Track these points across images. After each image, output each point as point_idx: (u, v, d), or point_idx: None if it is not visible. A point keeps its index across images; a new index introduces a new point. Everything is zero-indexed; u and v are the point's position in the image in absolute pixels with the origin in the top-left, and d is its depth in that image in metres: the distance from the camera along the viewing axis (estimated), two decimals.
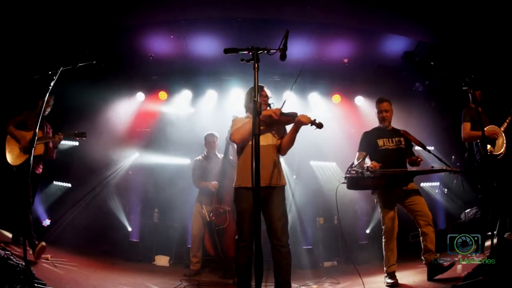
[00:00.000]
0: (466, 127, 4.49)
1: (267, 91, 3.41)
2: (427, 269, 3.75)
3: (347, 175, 3.68)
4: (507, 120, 4.49)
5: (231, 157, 5.00)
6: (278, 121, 3.24)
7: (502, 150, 4.36)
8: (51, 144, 4.68)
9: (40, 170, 4.66)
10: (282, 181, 3.24)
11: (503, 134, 4.42)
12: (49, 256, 4.32)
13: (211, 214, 4.84)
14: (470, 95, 4.52)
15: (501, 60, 5.20)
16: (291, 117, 3.22)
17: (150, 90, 6.91)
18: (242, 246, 3.11)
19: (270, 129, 3.31)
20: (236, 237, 3.19)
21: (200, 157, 5.31)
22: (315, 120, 3.12)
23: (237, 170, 3.31)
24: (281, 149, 3.32)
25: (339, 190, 3.74)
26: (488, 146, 4.31)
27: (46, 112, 4.69)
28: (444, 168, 3.74)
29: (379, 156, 3.84)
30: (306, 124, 3.13)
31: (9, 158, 4.54)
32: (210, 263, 5.37)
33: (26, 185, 4.42)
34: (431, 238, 3.73)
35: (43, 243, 4.23)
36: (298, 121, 3.14)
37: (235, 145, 4.74)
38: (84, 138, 4.67)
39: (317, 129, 3.13)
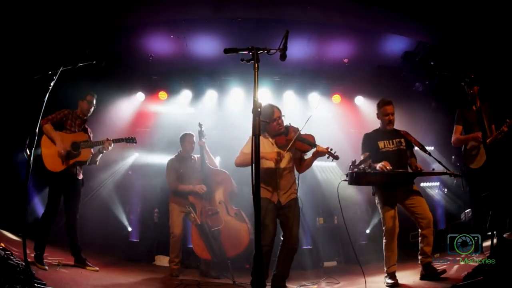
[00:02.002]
0: (456, 130, 4.52)
1: (280, 112, 3.71)
2: (421, 270, 3.79)
3: (349, 171, 3.69)
4: (499, 134, 4.15)
5: (206, 161, 4.94)
6: (295, 148, 3.60)
7: (479, 165, 4.29)
8: (93, 150, 4.38)
9: (81, 176, 4.44)
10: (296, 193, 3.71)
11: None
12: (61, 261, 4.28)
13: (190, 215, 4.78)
14: (469, 93, 4.50)
15: (501, 60, 5.20)
16: (309, 145, 3.58)
17: (150, 90, 6.90)
18: (265, 251, 3.28)
19: (288, 153, 3.62)
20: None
21: (173, 157, 5.10)
22: (331, 150, 3.50)
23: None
24: (300, 170, 3.77)
25: (339, 190, 3.75)
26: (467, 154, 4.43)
27: (89, 113, 4.52)
28: (445, 171, 3.75)
29: (380, 158, 3.83)
30: (323, 155, 3.53)
31: (48, 163, 4.11)
32: (209, 264, 5.36)
33: (77, 195, 4.36)
34: (429, 241, 3.74)
35: (97, 269, 4.28)
36: (316, 154, 3.56)
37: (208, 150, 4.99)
38: (134, 144, 4.55)
39: (334, 160, 3.52)
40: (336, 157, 3.50)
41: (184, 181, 4.91)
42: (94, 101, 4.55)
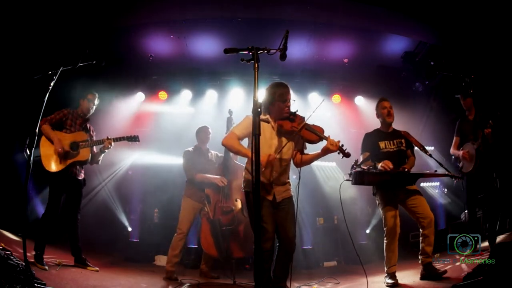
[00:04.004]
0: (455, 142, 4.79)
1: (291, 94, 3.31)
2: (421, 270, 3.79)
3: (353, 171, 3.69)
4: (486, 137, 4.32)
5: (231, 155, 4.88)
6: (301, 137, 3.24)
7: (469, 170, 4.53)
8: (95, 150, 4.38)
9: (82, 175, 4.41)
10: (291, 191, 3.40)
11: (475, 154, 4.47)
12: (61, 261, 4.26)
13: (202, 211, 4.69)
14: (462, 103, 4.65)
15: (501, 60, 5.20)
16: (318, 137, 3.14)
17: (150, 90, 6.91)
18: (267, 255, 3.16)
19: (290, 142, 3.28)
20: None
21: (190, 148, 5.02)
22: (342, 146, 3.09)
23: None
24: (299, 165, 3.38)
25: (340, 190, 3.75)
26: (461, 164, 4.66)
27: (90, 112, 4.50)
28: (447, 173, 3.78)
29: (381, 159, 3.84)
30: (333, 152, 3.09)
31: (46, 163, 4.11)
32: (209, 264, 5.36)
33: (78, 195, 4.35)
34: (430, 241, 3.74)
35: (97, 269, 4.26)
36: (326, 150, 3.11)
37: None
38: (137, 142, 4.49)
39: (344, 158, 3.10)
40: (347, 155, 3.09)
41: (197, 172, 4.77)
42: (96, 100, 4.54)
